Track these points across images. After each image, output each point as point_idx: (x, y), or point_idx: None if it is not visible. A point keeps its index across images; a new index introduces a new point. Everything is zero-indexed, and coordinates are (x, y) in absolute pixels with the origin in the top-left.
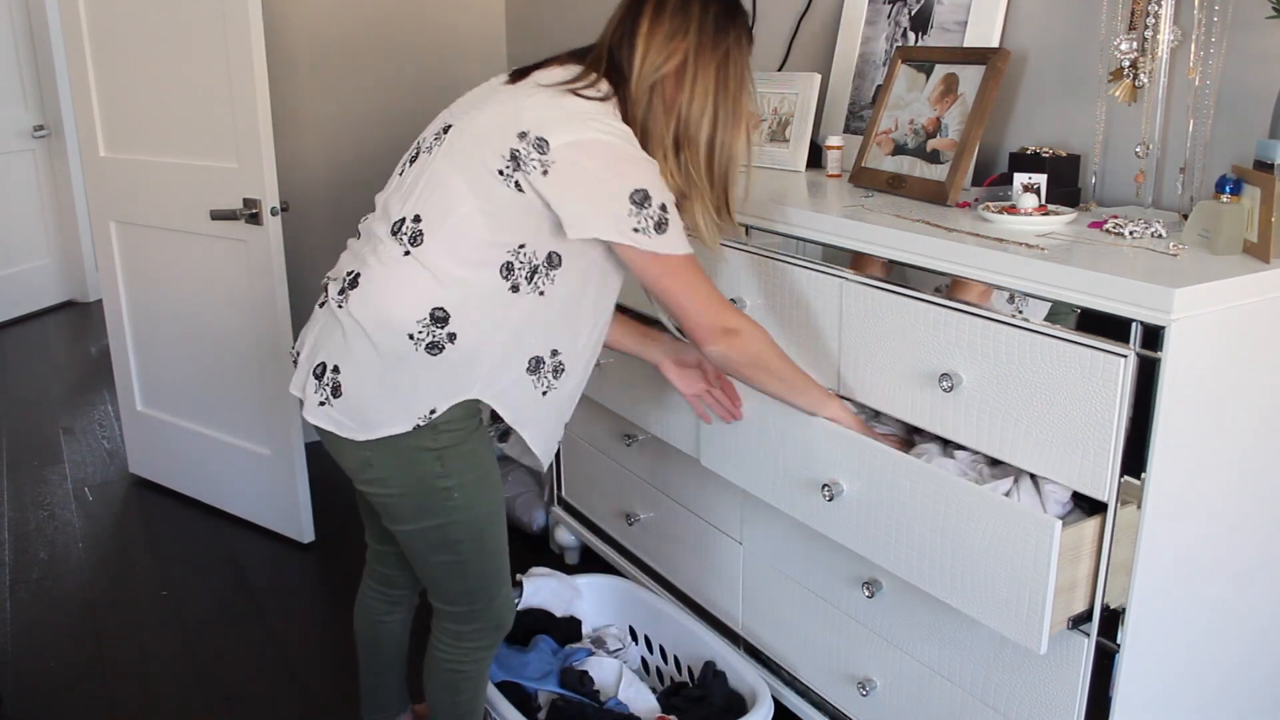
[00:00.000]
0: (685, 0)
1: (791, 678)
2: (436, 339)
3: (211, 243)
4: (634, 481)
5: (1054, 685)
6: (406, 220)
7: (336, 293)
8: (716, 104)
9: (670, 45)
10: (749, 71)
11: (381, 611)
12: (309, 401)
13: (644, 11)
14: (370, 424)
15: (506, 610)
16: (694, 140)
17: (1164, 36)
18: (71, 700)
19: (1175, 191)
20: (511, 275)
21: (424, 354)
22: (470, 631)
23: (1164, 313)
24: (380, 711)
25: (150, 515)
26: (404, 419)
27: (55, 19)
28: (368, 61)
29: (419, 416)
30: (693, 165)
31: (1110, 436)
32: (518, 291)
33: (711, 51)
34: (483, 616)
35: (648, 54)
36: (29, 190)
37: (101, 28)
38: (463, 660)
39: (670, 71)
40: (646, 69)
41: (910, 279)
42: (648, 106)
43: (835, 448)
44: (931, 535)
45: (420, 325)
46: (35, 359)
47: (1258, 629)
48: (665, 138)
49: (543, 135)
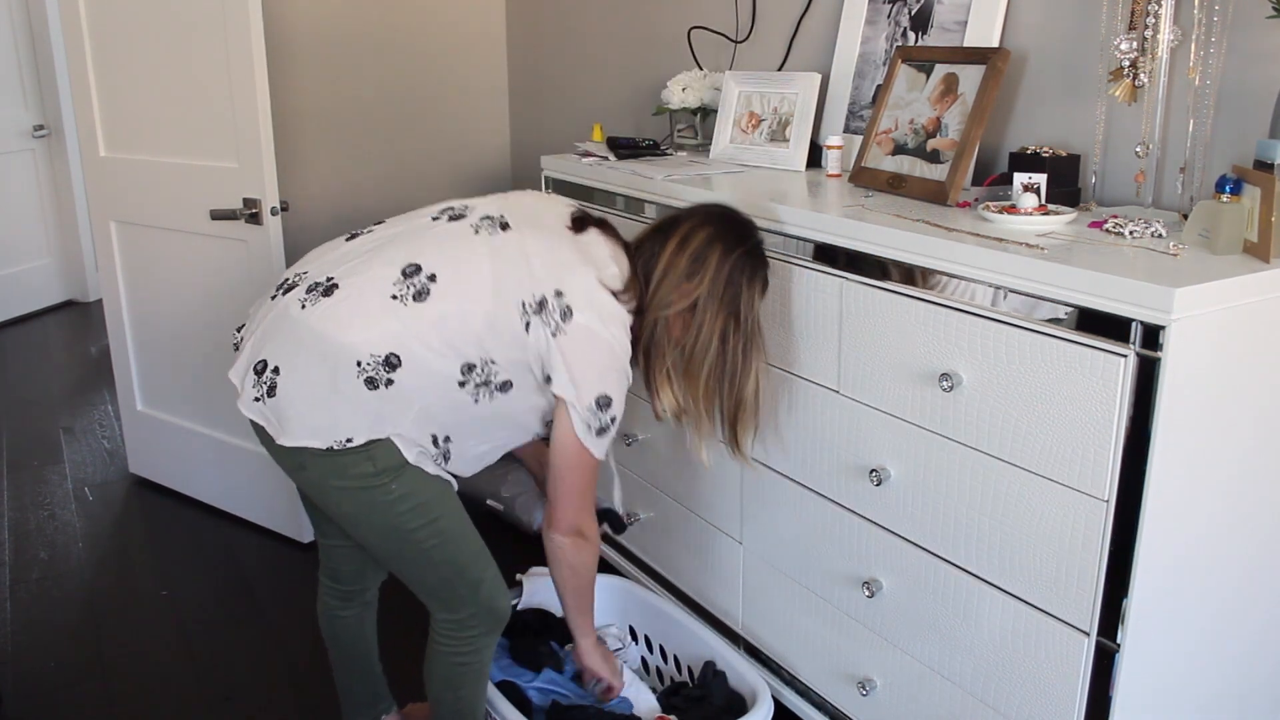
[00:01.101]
0: (708, 243)
1: (791, 677)
2: (378, 377)
3: (211, 243)
4: (634, 481)
5: (1054, 685)
6: (423, 272)
7: (304, 292)
8: (723, 353)
9: (682, 288)
10: (758, 324)
11: (335, 607)
12: (245, 393)
13: (668, 244)
14: (290, 432)
15: (496, 595)
16: (695, 378)
17: (1164, 36)
18: (71, 700)
19: (1175, 191)
20: (469, 375)
21: (360, 384)
22: (465, 619)
23: (1164, 313)
24: (357, 712)
25: (150, 515)
26: (323, 438)
27: (55, 19)
28: (368, 61)
29: (335, 440)
30: (692, 398)
31: (1110, 436)
32: (463, 389)
33: (720, 302)
34: (471, 602)
35: (659, 290)
36: (29, 190)
37: (101, 28)
38: (464, 651)
39: (678, 313)
40: (657, 303)
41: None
42: (652, 334)
43: (882, 433)
44: (979, 518)
45: (372, 360)
46: (35, 359)
47: (1258, 629)
48: (666, 365)
49: (572, 307)
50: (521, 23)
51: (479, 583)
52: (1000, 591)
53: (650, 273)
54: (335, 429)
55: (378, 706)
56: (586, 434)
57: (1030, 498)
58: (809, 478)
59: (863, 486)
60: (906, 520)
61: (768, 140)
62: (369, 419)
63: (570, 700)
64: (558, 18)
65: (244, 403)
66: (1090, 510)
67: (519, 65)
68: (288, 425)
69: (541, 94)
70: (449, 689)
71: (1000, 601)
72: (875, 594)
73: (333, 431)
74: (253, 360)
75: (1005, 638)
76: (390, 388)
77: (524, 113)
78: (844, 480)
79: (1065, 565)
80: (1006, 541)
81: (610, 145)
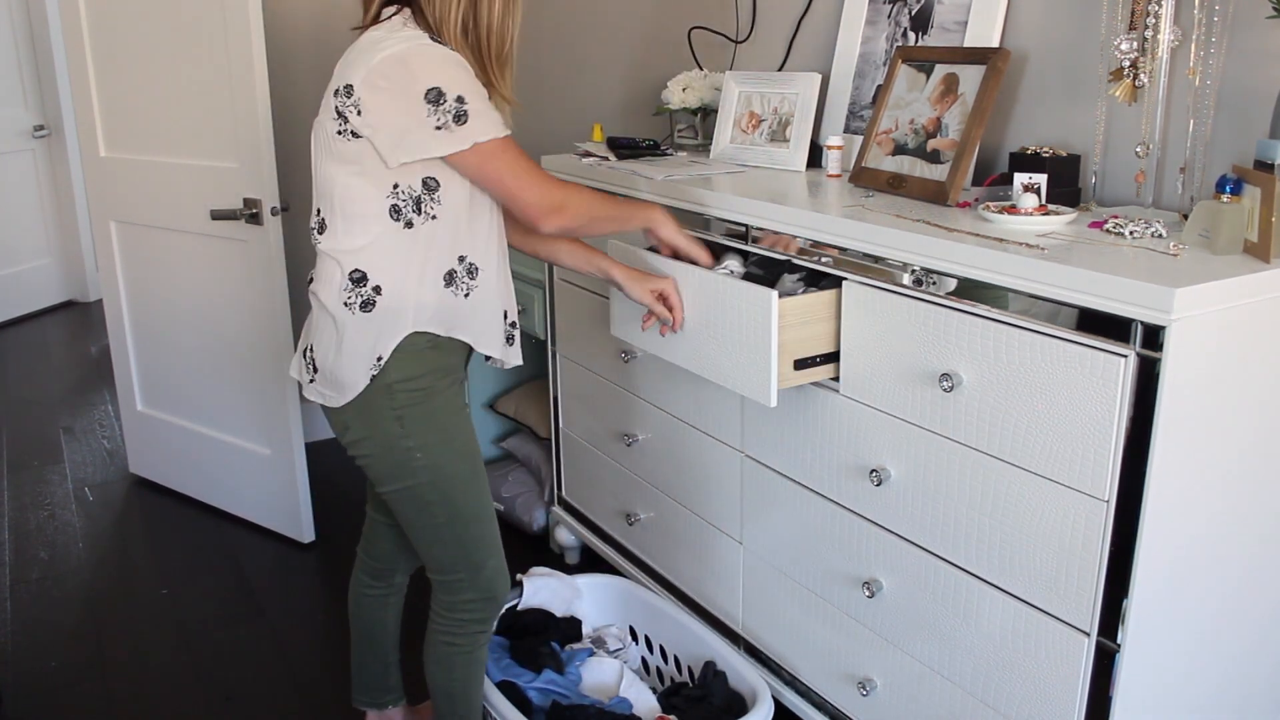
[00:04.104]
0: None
1: (791, 678)
2: (366, 297)
3: (211, 243)
4: (634, 481)
5: (1054, 685)
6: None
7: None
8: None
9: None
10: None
11: (364, 582)
12: (303, 380)
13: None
14: (342, 388)
15: (497, 581)
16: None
17: (1164, 36)
18: (71, 700)
19: (1175, 191)
20: (400, 215)
21: (361, 314)
22: (461, 602)
23: (1164, 313)
24: (364, 693)
25: (150, 515)
26: (362, 374)
27: (55, 19)
28: None
29: (371, 367)
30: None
31: (1110, 436)
32: (412, 226)
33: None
34: (471, 586)
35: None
36: (29, 190)
37: (101, 28)
38: (456, 633)
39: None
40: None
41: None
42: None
43: (882, 433)
44: (979, 518)
45: (347, 291)
46: (35, 359)
47: (1258, 629)
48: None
49: (348, 81)
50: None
51: (481, 568)
52: (1000, 592)
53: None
54: (366, 359)
55: (386, 695)
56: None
57: (1030, 498)
58: (809, 478)
59: (863, 486)
60: (906, 520)
61: (768, 140)
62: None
63: (570, 700)
64: (558, 18)
65: (306, 390)
66: (1090, 510)
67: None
68: (340, 385)
69: (541, 94)
70: (442, 672)
71: (1000, 602)
72: (875, 594)
73: (365, 363)
74: (303, 348)
75: (1005, 638)
76: (381, 294)
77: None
78: (844, 480)
79: (1065, 565)
80: (1006, 541)
81: (610, 145)
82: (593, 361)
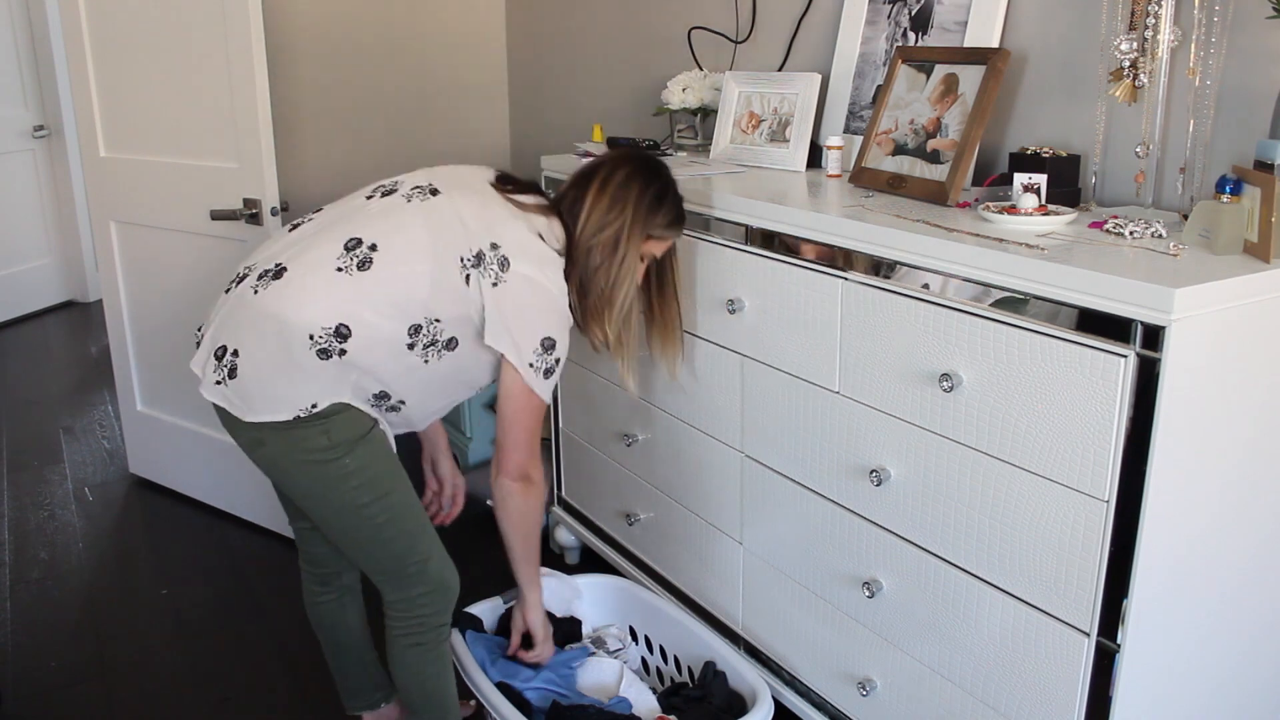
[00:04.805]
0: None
1: (791, 678)
2: (330, 348)
3: (211, 243)
4: (634, 481)
5: (1054, 685)
6: (364, 244)
7: (255, 279)
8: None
9: (607, 218)
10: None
11: (316, 592)
12: (206, 379)
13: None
14: (255, 408)
15: (445, 570)
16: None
17: (1164, 36)
18: (71, 700)
19: (1175, 191)
20: (416, 336)
21: (314, 356)
22: (417, 597)
23: (1164, 313)
24: (353, 698)
25: (150, 515)
26: (286, 409)
27: (55, 19)
28: (368, 62)
29: (300, 409)
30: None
31: (1110, 437)
32: (412, 350)
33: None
34: (422, 579)
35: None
36: (29, 190)
37: (101, 28)
38: (416, 630)
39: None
40: (586, 236)
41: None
42: (585, 268)
43: (882, 433)
44: (979, 518)
45: (323, 332)
46: (35, 359)
47: (1258, 629)
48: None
49: (509, 258)
50: (521, 23)
51: (428, 558)
52: (1000, 592)
53: (576, 216)
54: (297, 399)
55: (375, 694)
56: (533, 378)
57: (1030, 498)
58: (809, 478)
59: (863, 486)
60: (906, 520)
61: (768, 141)
62: (327, 386)
63: (570, 700)
64: (558, 18)
65: (206, 387)
66: (1090, 510)
67: (519, 65)
68: (251, 402)
69: (541, 94)
70: (411, 674)
71: (1000, 602)
72: (875, 594)
73: (295, 402)
74: (212, 347)
75: (1005, 638)
76: (343, 357)
77: (524, 113)
78: (844, 480)
79: (1065, 565)
80: (1006, 542)
81: (610, 145)
82: (592, 362)
